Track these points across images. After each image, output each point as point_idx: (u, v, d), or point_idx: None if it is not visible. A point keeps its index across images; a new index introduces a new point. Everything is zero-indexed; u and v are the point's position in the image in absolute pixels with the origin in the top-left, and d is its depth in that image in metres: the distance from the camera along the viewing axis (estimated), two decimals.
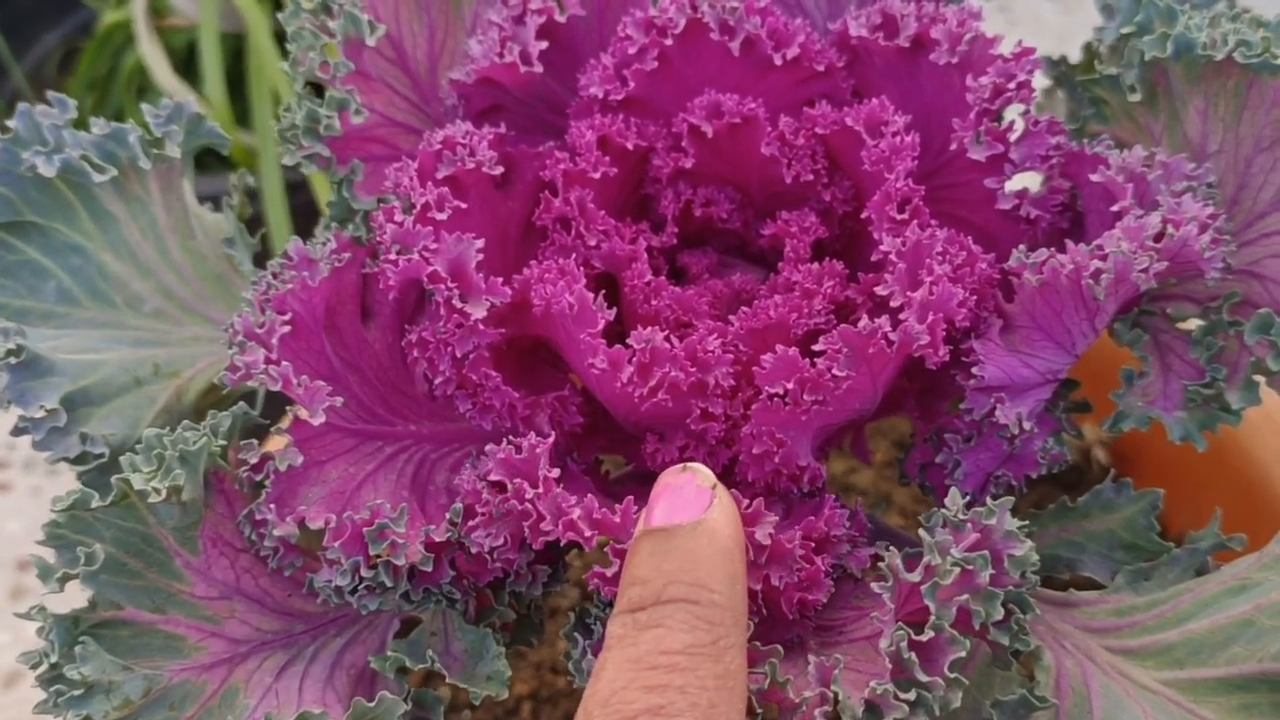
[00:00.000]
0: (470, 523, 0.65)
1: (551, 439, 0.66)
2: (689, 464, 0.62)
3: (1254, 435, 1.14)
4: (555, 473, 0.64)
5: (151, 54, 1.54)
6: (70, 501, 0.67)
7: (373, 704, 0.64)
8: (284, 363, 0.68)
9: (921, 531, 0.60)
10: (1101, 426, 0.75)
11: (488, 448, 0.67)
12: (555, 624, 1.20)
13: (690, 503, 0.60)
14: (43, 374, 0.73)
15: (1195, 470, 1.14)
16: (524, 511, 0.63)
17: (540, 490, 0.63)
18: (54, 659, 0.66)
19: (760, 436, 0.69)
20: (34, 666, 0.67)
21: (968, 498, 0.63)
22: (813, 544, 0.65)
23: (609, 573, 0.62)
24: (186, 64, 1.61)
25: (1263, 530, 0.75)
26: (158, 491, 0.66)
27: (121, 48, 1.65)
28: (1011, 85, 0.75)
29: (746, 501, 0.61)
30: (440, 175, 0.75)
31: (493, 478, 0.64)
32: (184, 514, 0.68)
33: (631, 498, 0.64)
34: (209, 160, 1.57)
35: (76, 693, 0.63)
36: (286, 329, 0.70)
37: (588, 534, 0.62)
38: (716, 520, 0.59)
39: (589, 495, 0.62)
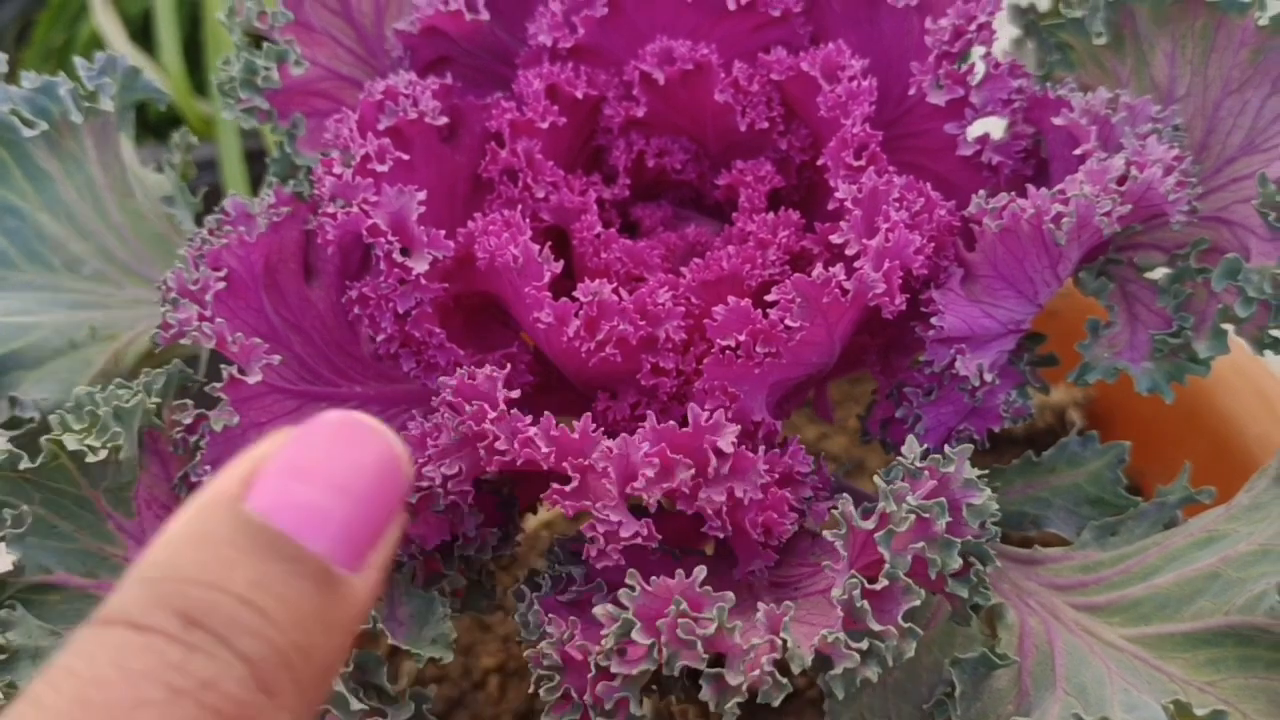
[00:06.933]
0: (420, 459, 0.63)
1: (507, 369, 0.63)
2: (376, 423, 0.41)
3: (1228, 392, 1.12)
4: (515, 394, 0.62)
5: (106, 23, 1.51)
6: None
7: None
8: (218, 319, 0.66)
9: (877, 478, 0.57)
10: (1067, 378, 0.73)
11: (440, 381, 0.65)
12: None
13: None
14: None
15: (1170, 429, 1.12)
16: (480, 433, 0.60)
17: (501, 409, 0.60)
18: None
19: (713, 391, 0.67)
20: None
21: (926, 448, 0.61)
22: (777, 475, 0.63)
23: (569, 488, 0.59)
24: (143, 32, 1.58)
25: (1236, 486, 0.73)
26: (93, 450, 0.64)
27: (76, 17, 1.61)
28: (972, 27, 0.72)
29: (707, 413, 0.59)
30: (382, 126, 0.73)
31: (448, 399, 0.61)
32: (118, 474, 0.66)
33: (589, 415, 0.61)
34: (167, 130, 1.54)
35: (1, 658, 0.61)
36: (221, 285, 0.67)
37: (545, 451, 0.59)
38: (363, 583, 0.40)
39: (546, 414, 0.60)
